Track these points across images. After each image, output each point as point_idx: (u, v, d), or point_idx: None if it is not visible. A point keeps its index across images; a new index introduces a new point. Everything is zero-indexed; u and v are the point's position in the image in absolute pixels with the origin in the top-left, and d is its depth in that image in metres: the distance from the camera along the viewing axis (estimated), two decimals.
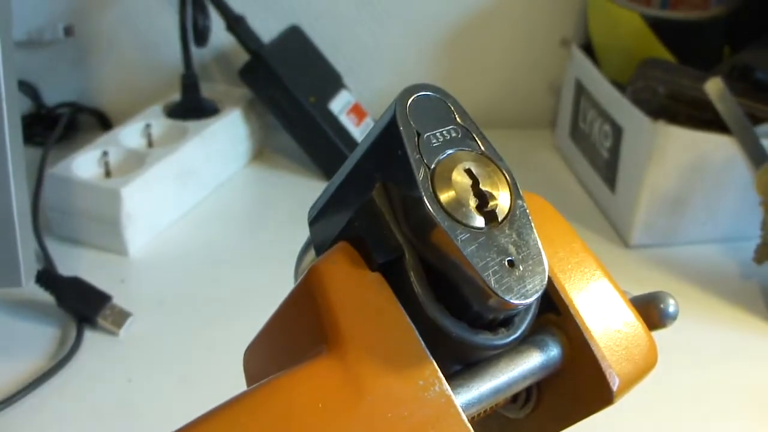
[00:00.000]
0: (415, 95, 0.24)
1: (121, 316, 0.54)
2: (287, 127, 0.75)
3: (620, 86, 0.68)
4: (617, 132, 0.67)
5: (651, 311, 0.28)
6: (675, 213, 0.64)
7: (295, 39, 0.79)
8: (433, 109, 0.24)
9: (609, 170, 0.69)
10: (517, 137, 0.86)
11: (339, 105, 0.76)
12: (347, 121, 0.76)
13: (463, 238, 0.22)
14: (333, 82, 0.79)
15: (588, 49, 0.77)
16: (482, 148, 0.24)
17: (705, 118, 0.62)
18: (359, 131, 0.76)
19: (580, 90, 0.76)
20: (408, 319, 0.23)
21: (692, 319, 0.58)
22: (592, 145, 0.73)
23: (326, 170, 0.75)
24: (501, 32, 0.85)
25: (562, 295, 0.26)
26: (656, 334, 0.27)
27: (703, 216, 0.65)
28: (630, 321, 0.26)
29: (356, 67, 0.85)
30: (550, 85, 0.88)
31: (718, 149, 0.61)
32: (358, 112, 0.78)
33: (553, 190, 0.75)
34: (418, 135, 0.24)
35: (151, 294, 0.58)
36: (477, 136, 0.25)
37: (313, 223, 0.29)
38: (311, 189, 0.73)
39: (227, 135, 0.74)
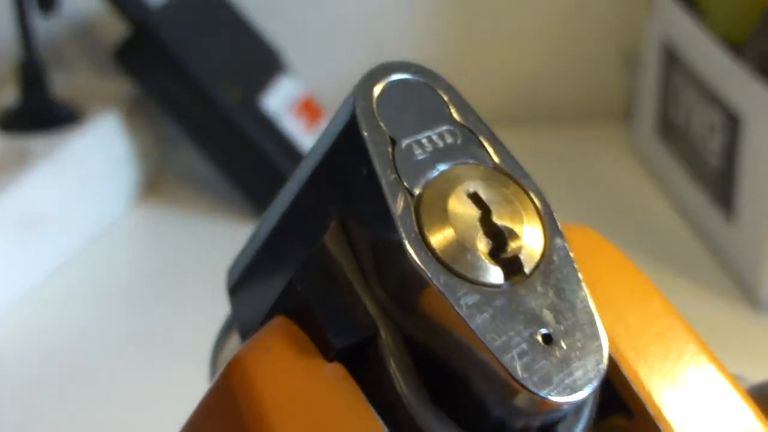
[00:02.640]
0: (386, 80, 0.25)
1: None
2: (196, 139, 0.76)
3: (735, 48, 0.69)
4: (733, 123, 0.68)
5: None
6: None
7: None
8: (414, 100, 0.25)
9: (721, 185, 0.70)
10: (571, 137, 0.87)
11: (279, 100, 0.77)
12: (293, 126, 0.77)
13: (469, 303, 0.23)
14: (267, 64, 0.80)
15: None
16: (495, 158, 0.25)
17: None
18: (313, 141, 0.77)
19: (671, 59, 0.77)
20: None
21: None
22: (692, 144, 0.74)
23: (265, 206, 0.75)
24: None
25: (635, 387, 0.26)
26: None
27: None
28: (749, 425, 0.27)
29: (307, 39, 0.86)
30: (622, 53, 0.90)
31: None
32: (310, 109, 0.79)
33: (631, 217, 0.76)
34: (393, 143, 0.25)
35: None
36: (486, 139, 0.26)
37: (235, 290, 0.30)
38: (236, 237, 0.73)
39: (98, 157, 0.75)
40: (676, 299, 0.29)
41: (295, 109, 0.78)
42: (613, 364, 0.26)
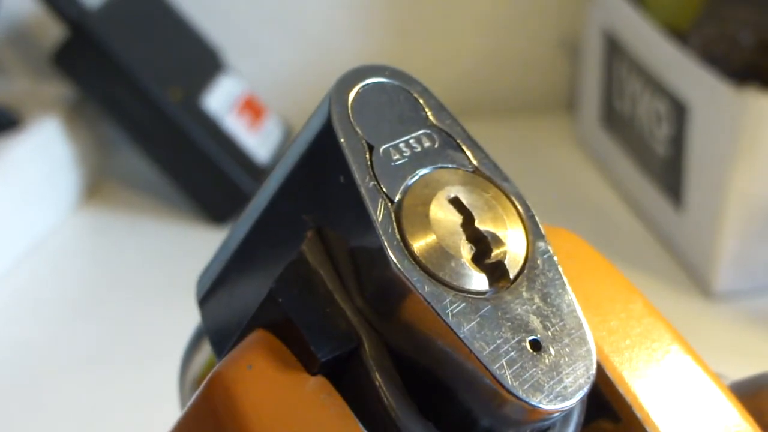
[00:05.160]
0: (361, 85, 0.25)
1: None
2: (137, 140, 0.75)
3: (679, 36, 0.69)
4: (679, 111, 0.68)
5: (765, 403, 0.28)
6: None
7: None
8: (390, 105, 0.25)
9: (670, 174, 0.71)
10: (514, 128, 0.88)
11: (220, 99, 0.77)
12: (236, 125, 0.76)
13: (455, 311, 0.23)
14: (207, 64, 0.79)
15: None
16: (474, 161, 0.25)
17: None
18: (257, 139, 0.77)
19: (614, 48, 0.78)
20: None
21: None
22: (639, 134, 0.75)
23: (209, 207, 0.75)
24: None
25: (621, 390, 0.26)
26: None
27: None
28: (734, 422, 0.27)
29: (246, 36, 0.86)
30: (563, 43, 0.90)
31: None
32: (252, 108, 0.79)
33: (577, 208, 0.77)
34: (371, 149, 0.24)
35: None
36: (465, 143, 0.25)
37: (205, 301, 0.29)
38: (179, 238, 0.73)
39: (39, 162, 0.74)
40: None
41: (237, 108, 0.78)
42: (598, 367, 0.26)
